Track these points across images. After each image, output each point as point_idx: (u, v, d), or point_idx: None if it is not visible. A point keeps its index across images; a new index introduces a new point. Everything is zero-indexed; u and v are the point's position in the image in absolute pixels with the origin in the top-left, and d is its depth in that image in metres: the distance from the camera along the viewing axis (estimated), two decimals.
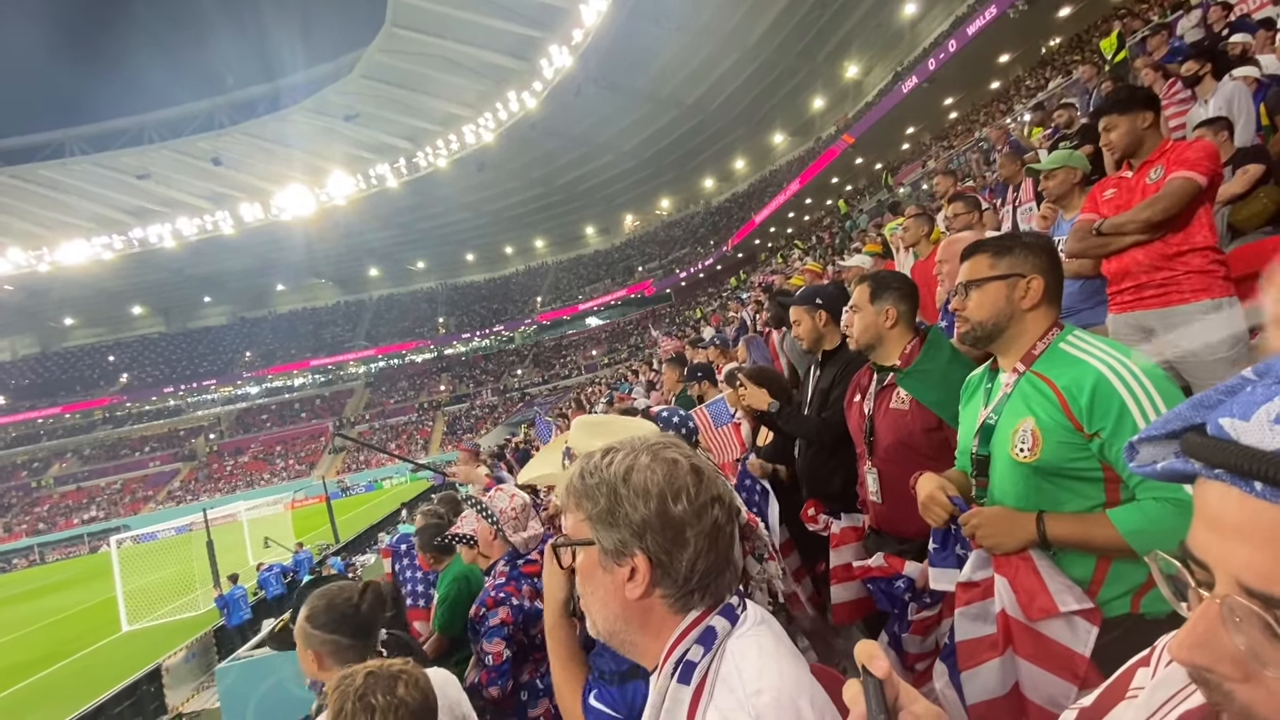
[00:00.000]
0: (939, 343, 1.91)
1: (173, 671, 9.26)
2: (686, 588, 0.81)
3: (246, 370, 52.25)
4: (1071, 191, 3.05)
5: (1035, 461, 1.33)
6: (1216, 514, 0.38)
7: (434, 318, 55.04)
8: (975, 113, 24.06)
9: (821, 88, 35.02)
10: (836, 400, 2.35)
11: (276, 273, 55.14)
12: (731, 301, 21.42)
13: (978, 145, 16.64)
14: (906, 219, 5.28)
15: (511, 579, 2.31)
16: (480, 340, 53.71)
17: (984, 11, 20.26)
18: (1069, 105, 7.65)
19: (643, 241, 50.88)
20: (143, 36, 56.62)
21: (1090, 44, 17.92)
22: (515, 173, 45.24)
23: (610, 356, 44.50)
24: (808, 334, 2.63)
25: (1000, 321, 1.44)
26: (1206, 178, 2.17)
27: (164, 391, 51.15)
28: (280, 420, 51.10)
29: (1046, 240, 1.50)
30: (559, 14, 32.66)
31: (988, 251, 1.48)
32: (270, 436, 49.03)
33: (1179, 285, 2.26)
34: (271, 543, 14.93)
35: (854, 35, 30.75)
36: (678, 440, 0.89)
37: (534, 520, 2.49)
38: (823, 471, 2.42)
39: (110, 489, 44.71)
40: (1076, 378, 1.30)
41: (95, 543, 35.59)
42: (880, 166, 28.77)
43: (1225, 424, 0.37)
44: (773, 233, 36.48)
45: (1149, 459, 0.44)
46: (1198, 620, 0.40)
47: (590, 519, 0.83)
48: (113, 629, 14.23)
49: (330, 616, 1.68)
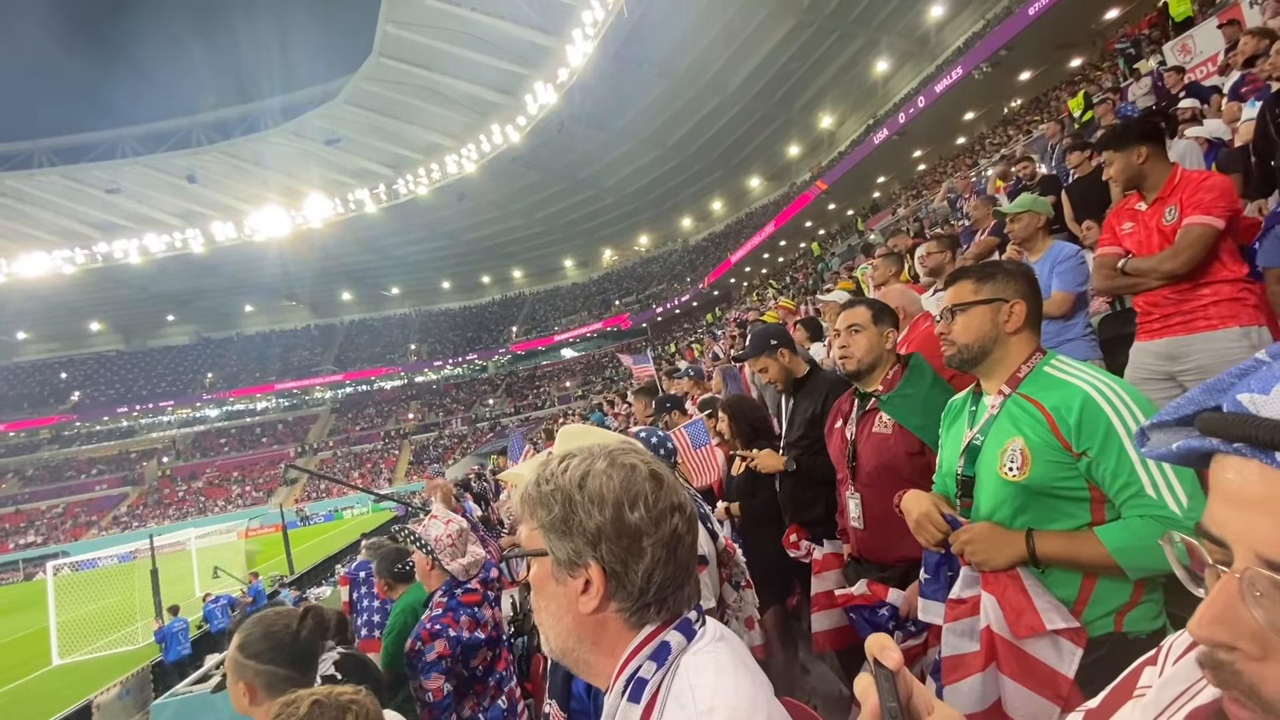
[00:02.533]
0: (921, 368, 1.95)
1: (104, 709, 8.62)
2: (642, 601, 0.76)
3: (207, 392, 50.61)
4: (1035, 235, 3.17)
5: (1024, 480, 1.34)
6: (1236, 489, 0.38)
7: (406, 344, 54.34)
8: (942, 165, 25.12)
9: (797, 136, 36.32)
10: None
11: (246, 293, 54.09)
12: (706, 337, 21.62)
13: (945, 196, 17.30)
14: (876, 259, 5.44)
15: (449, 610, 2.21)
16: (453, 368, 53.07)
17: (950, 72, 21.41)
18: (1030, 159, 8.04)
19: (620, 276, 51.35)
20: (123, 53, 56.26)
21: (1049, 106, 18.98)
22: (496, 203, 45.54)
23: (584, 388, 44.30)
24: (778, 375, 2.65)
25: (985, 345, 1.47)
26: (1224, 220, 2.20)
27: (117, 411, 49.14)
28: (240, 444, 49.37)
29: (1026, 268, 1.54)
30: (545, 53, 33.46)
31: (971, 277, 1.51)
32: (228, 461, 47.26)
33: (1206, 313, 2.28)
34: (221, 573, 14.22)
35: (829, 88, 32.11)
36: (639, 446, 0.86)
37: (473, 544, 2.40)
38: (804, 497, 2.40)
39: (51, 512, 42.32)
40: (1064, 398, 1.32)
41: (31, 569, 33.41)
42: (852, 212, 29.75)
43: (1244, 399, 0.37)
44: (748, 272, 37.19)
45: (1161, 443, 0.43)
46: (1216, 596, 0.39)
47: (544, 527, 0.79)
48: (43, 662, 13.29)
49: (266, 644, 1.56)
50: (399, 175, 43.75)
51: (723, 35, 29.67)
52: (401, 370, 52.85)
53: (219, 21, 53.46)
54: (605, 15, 28.99)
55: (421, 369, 52.94)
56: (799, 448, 2.46)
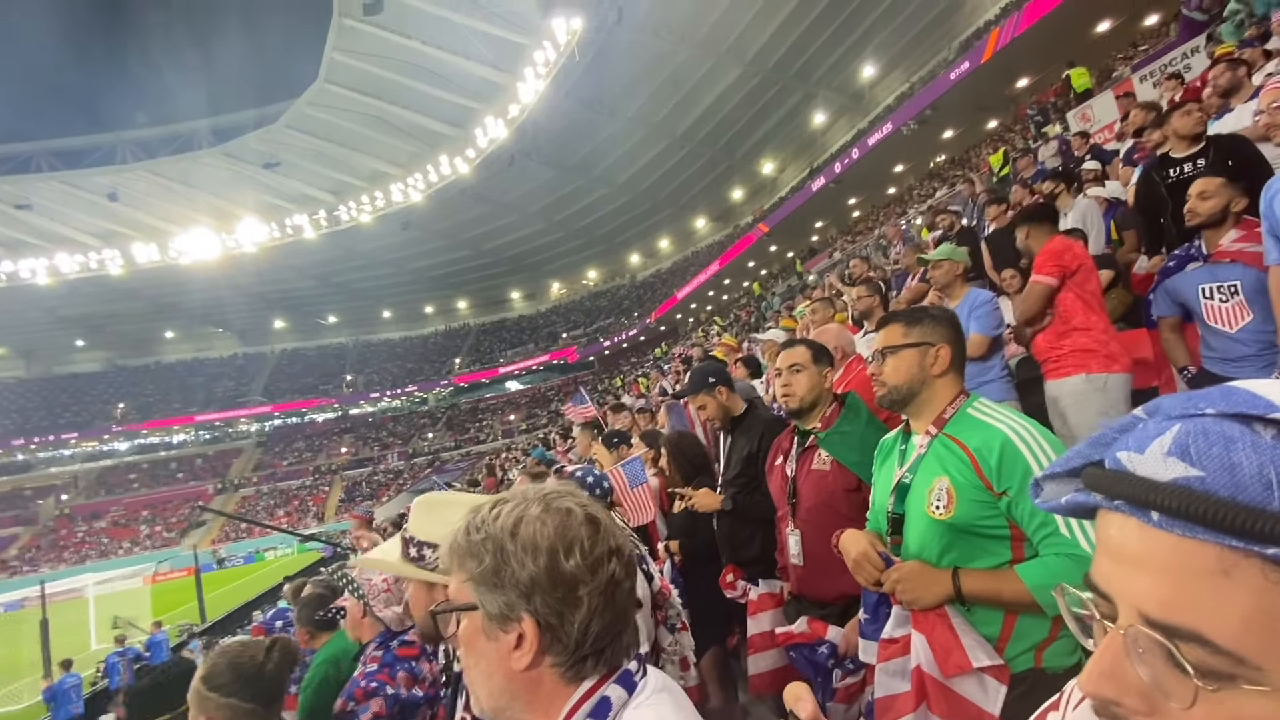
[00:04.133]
0: (857, 406, 2.01)
1: None
2: (579, 654, 0.73)
3: (117, 423, 46.85)
4: (954, 281, 3.38)
5: (950, 519, 1.39)
6: (1117, 544, 0.39)
7: (342, 375, 52.13)
8: (875, 213, 26.58)
9: (741, 180, 37.75)
10: (765, 464, 2.38)
11: (167, 319, 50.87)
12: (653, 372, 21.76)
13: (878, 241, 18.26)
14: (813, 302, 5.67)
15: (385, 665, 2.05)
16: (390, 400, 51.18)
17: (881, 127, 22.89)
18: (952, 211, 8.64)
19: (568, 309, 51.28)
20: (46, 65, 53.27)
21: (970, 162, 20.46)
22: (442, 233, 44.98)
23: (529, 422, 43.55)
24: (716, 412, 2.69)
25: (914, 386, 1.53)
26: (1053, 277, 2.63)
27: (12, 444, 44.78)
28: (151, 481, 45.73)
29: (951, 314, 1.64)
30: (497, 89, 33.77)
31: (901, 321, 1.59)
32: (137, 499, 43.61)
33: (1063, 362, 2.65)
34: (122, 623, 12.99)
35: (770, 137, 33.69)
36: (574, 489, 0.83)
37: None
38: (740, 536, 2.41)
39: None
40: (986, 440, 1.39)
41: None
42: (792, 254, 30.94)
43: (1122, 457, 0.39)
44: (693, 308, 37.89)
45: (1053, 495, 0.45)
46: (1103, 652, 0.40)
47: (474, 580, 0.74)
48: None
49: (230, 676, 1.49)
50: (341, 202, 42.69)
51: (670, 81, 30.79)
52: (336, 402, 50.53)
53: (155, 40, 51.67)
54: (557, 56, 29.62)
55: (357, 401, 50.80)
56: (735, 486, 2.48)
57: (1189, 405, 0.38)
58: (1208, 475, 0.35)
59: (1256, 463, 0.34)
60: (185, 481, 45.38)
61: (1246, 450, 0.34)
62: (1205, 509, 0.34)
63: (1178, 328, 2.82)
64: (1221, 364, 2.57)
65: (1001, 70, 18.79)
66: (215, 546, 35.47)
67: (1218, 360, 2.59)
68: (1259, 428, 0.35)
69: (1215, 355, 2.61)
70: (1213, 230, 2.57)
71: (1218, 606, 0.34)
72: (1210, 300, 2.59)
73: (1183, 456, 0.36)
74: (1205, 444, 0.35)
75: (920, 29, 25.48)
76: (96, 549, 38.10)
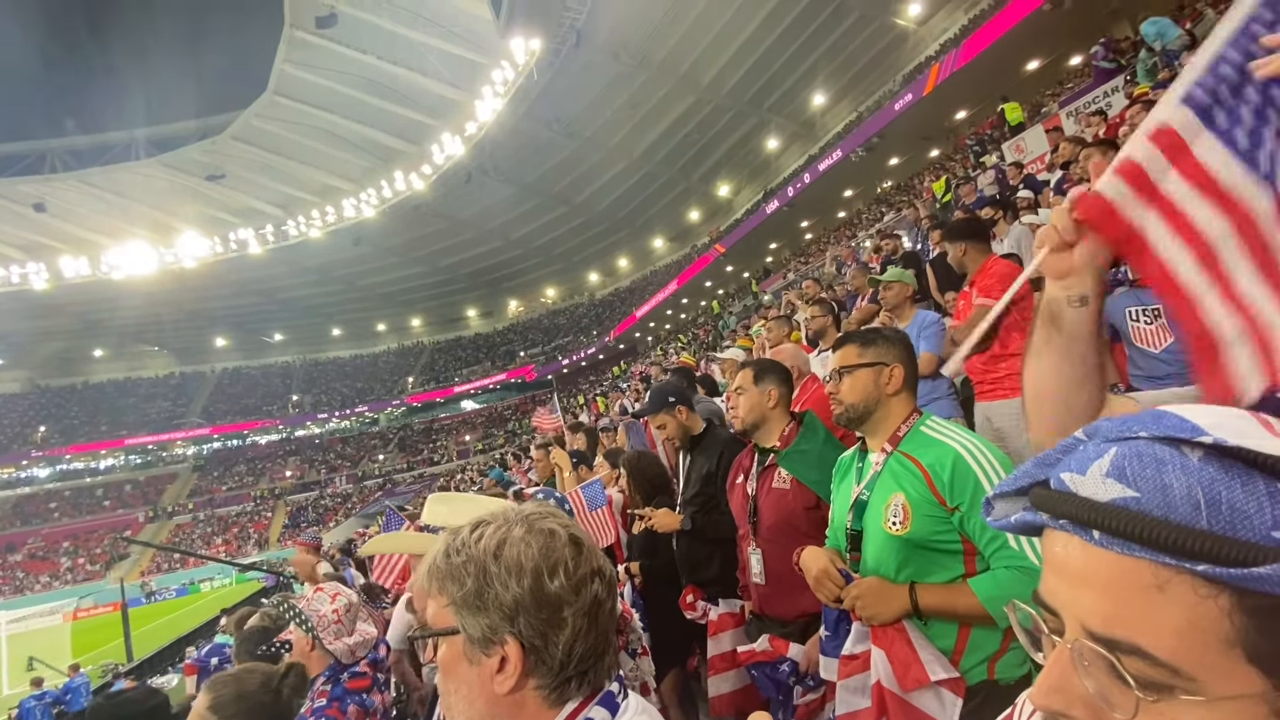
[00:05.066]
0: (814, 425, 2.04)
1: None
2: (563, 675, 0.72)
3: (37, 448, 43.70)
4: (904, 303, 3.52)
5: (906, 534, 1.43)
6: (1062, 562, 0.41)
7: (287, 395, 50.08)
8: (826, 235, 27.43)
9: (697, 202, 38.44)
10: (724, 483, 2.39)
11: (96, 337, 47.97)
12: (612, 390, 21.72)
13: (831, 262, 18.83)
14: (769, 321, 5.79)
15: (334, 699, 1.95)
16: (339, 421, 49.37)
17: (831, 154, 23.78)
18: (895, 236, 9.03)
19: (526, 327, 50.78)
20: None
21: (914, 188, 21.40)
22: (395, 250, 44.09)
23: (485, 442, 42.73)
24: (676, 431, 2.70)
25: (869, 404, 1.57)
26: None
27: None
28: (74, 509, 42.71)
29: (904, 334, 1.70)
30: (454, 106, 33.58)
31: (856, 342, 1.64)
32: (57, 529, 40.60)
33: (1002, 384, 2.74)
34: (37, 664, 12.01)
35: (726, 160, 34.51)
36: (555, 510, 0.83)
37: (363, 622, 2.19)
38: (699, 556, 2.41)
39: None
40: (939, 457, 1.43)
41: None
42: (748, 274, 31.59)
43: (1066, 478, 0.41)
44: (652, 327, 38.13)
45: (1003, 513, 0.46)
46: (1053, 665, 0.42)
47: (455, 604, 0.73)
48: None
49: (241, 706, 1.40)
50: (290, 216, 41.40)
51: (628, 104, 31.25)
52: (280, 423, 48.41)
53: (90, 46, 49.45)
54: (515, 76, 29.70)
55: (303, 422, 48.79)
56: (695, 505, 2.49)
57: (1124, 429, 0.40)
58: (1143, 496, 0.37)
59: (1186, 484, 0.36)
60: (113, 510, 42.59)
61: (1177, 472, 0.36)
62: (1140, 528, 0.36)
63: (1108, 347, 3.02)
64: (1147, 381, 2.74)
65: (942, 102, 19.83)
66: (145, 579, 33.27)
67: (1144, 378, 2.77)
68: (1187, 450, 0.37)
69: (1141, 373, 2.78)
70: None
71: (1154, 621, 0.36)
72: (1136, 322, 2.77)
73: (1120, 478, 0.38)
74: (1140, 466, 0.37)
75: (867, 61, 26.68)
76: (10, 584, 35.29)
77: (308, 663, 2.09)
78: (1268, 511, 0.34)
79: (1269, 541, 0.33)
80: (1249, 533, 0.34)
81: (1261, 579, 0.32)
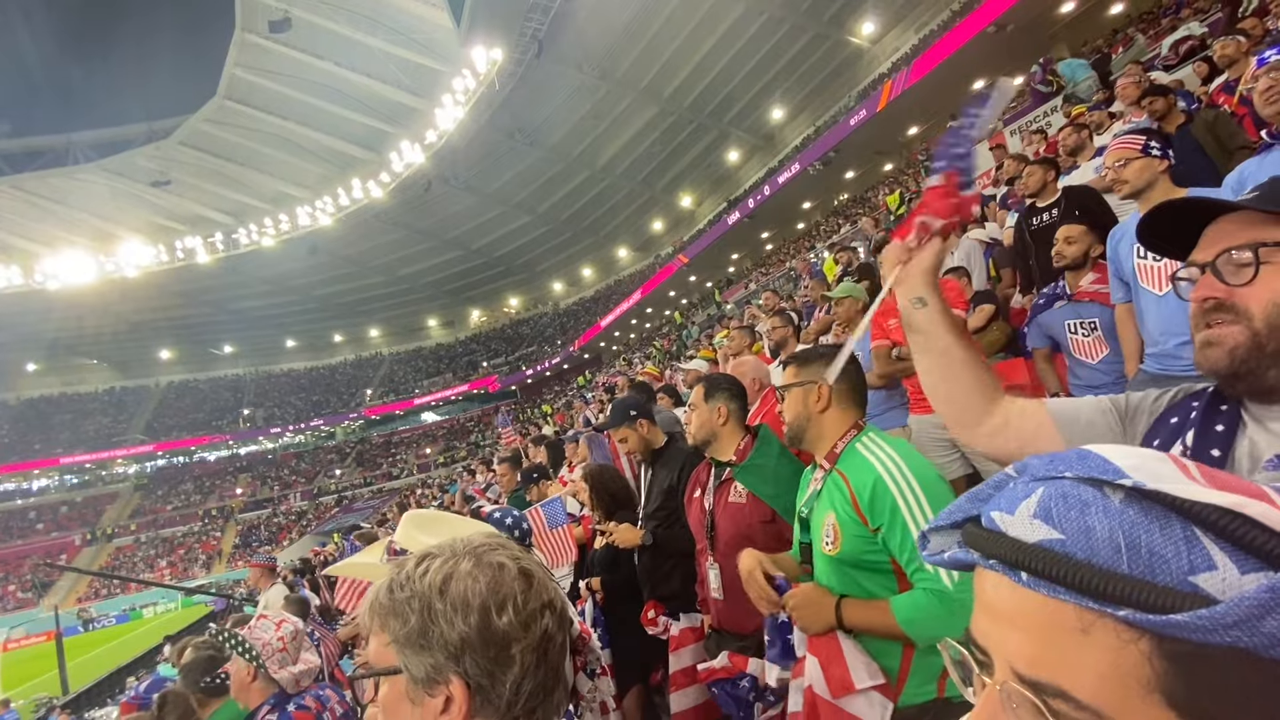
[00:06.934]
0: (769, 439, 2.07)
1: None
2: (510, 715, 0.70)
3: None
4: (856, 317, 3.61)
5: (837, 554, 1.46)
6: (992, 601, 0.41)
7: (238, 409, 48.16)
8: (786, 246, 27.98)
9: (661, 212, 38.73)
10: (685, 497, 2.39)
11: (28, 350, 45.28)
12: (577, 401, 21.59)
13: (788, 273, 19.19)
14: (731, 331, 5.85)
15: None
16: (294, 436, 47.72)
17: (790, 166, 24.31)
18: (851, 248, 9.26)
19: (489, 337, 50.14)
20: None
21: (869, 201, 22.03)
22: (352, 259, 43.08)
23: (447, 455, 41.91)
24: (638, 445, 2.70)
25: (801, 423, 1.62)
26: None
27: None
28: (4, 534, 40.13)
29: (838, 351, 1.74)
30: (413, 114, 33.14)
31: (794, 363, 1.69)
32: None
33: (924, 399, 2.85)
34: None
35: (688, 171, 34.92)
36: (506, 541, 0.81)
37: (308, 651, 2.12)
38: (661, 571, 2.41)
39: None
40: (863, 477, 1.47)
41: None
42: (710, 284, 31.94)
43: (996, 517, 0.41)
44: (617, 337, 38.14)
45: (938, 548, 0.46)
46: (982, 706, 0.41)
47: (398, 641, 0.70)
48: None
49: None
50: (241, 224, 40.08)
51: (591, 115, 31.37)
52: (229, 439, 46.49)
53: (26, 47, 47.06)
54: (476, 85, 29.50)
55: (255, 437, 46.98)
56: (656, 519, 2.49)
57: (1051, 468, 0.41)
58: (1067, 538, 0.37)
59: (1108, 527, 0.36)
60: (46, 533, 40.17)
61: (1099, 514, 0.37)
62: (1064, 571, 0.36)
63: (1049, 358, 3.15)
64: (1086, 391, 2.87)
65: (895, 118, 20.49)
66: (82, 605, 31.41)
67: (1083, 388, 2.89)
68: (1109, 492, 0.38)
69: (1081, 383, 2.91)
70: (1075, 272, 2.90)
71: (1079, 664, 0.36)
72: (1075, 335, 2.90)
73: (1046, 519, 0.38)
74: (1064, 507, 0.38)
75: (823, 77, 27.44)
76: None
77: (246, 695, 2.01)
78: (1184, 556, 0.34)
79: (1185, 587, 0.33)
80: (1167, 577, 0.34)
81: (1178, 626, 0.32)
